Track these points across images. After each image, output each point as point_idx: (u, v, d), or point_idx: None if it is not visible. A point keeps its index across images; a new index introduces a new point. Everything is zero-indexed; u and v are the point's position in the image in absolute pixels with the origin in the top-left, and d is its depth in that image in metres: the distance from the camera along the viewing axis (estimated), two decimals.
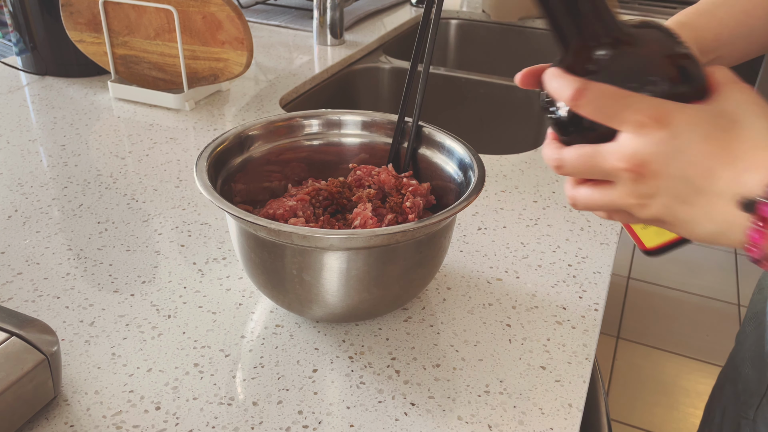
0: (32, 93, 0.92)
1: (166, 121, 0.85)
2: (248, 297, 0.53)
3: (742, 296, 1.93)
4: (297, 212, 0.50)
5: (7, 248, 0.58)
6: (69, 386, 0.44)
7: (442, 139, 0.53)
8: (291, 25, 1.27)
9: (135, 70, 0.90)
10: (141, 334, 0.49)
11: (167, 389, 0.44)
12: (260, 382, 0.45)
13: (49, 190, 0.67)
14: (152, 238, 0.60)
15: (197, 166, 0.47)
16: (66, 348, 0.47)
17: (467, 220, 0.64)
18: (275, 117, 0.55)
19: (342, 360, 0.47)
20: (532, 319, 0.51)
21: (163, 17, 0.85)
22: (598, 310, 0.53)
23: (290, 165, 0.56)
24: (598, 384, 0.62)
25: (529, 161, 0.77)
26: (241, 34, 0.83)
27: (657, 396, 1.57)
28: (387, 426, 0.42)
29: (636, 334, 1.76)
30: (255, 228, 0.43)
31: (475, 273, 0.57)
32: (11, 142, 0.78)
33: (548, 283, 0.56)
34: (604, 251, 0.60)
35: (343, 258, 0.43)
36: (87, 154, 0.75)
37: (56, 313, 0.50)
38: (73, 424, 0.41)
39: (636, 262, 2.04)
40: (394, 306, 0.49)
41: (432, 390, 0.45)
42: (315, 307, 0.46)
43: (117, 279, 0.54)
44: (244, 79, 0.99)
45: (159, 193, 0.68)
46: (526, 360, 0.47)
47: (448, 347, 0.48)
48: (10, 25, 0.96)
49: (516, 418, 0.43)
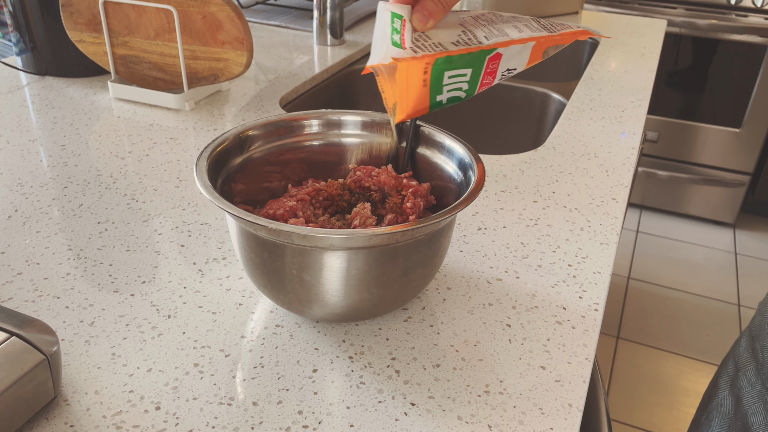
0: (32, 93, 0.92)
1: (166, 121, 0.85)
2: (248, 297, 0.53)
3: (742, 296, 1.93)
4: (297, 212, 0.50)
5: (7, 248, 0.58)
6: (69, 386, 0.44)
7: (441, 139, 0.53)
8: (291, 25, 1.27)
9: (135, 70, 0.90)
10: (141, 334, 0.49)
11: (167, 389, 0.44)
12: (260, 382, 0.45)
13: (49, 190, 0.67)
14: (152, 238, 0.60)
15: (197, 166, 0.47)
16: (66, 348, 0.47)
17: (467, 220, 0.64)
18: (275, 117, 0.55)
19: (342, 360, 0.47)
20: (532, 319, 0.51)
21: (163, 17, 0.85)
22: (598, 310, 0.53)
23: (290, 165, 0.56)
24: (598, 384, 0.62)
25: (529, 161, 0.77)
26: (241, 34, 0.83)
27: (657, 396, 1.57)
28: (387, 426, 0.42)
29: (636, 334, 1.76)
30: (255, 228, 0.43)
31: (475, 273, 0.57)
32: (11, 142, 0.78)
33: (548, 283, 0.56)
34: (604, 251, 0.60)
35: (343, 258, 0.43)
36: (87, 154, 0.75)
37: (56, 313, 0.50)
38: (73, 424, 0.41)
39: (636, 262, 2.04)
40: (394, 306, 0.49)
41: (432, 390, 0.45)
42: (315, 307, 0.46)
43: (117, 279, 0.54)
44: (244, 79, 0.99)
45: (159, 193, 0.68)
46: (526, 360, 0.47)
47: (448, 347, 0.48)
48: (10, 25, 0.96)
49: (516, 418, 0.43)
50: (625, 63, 1.17)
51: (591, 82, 1.06)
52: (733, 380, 0.60)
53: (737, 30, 1.98)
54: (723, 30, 2.00)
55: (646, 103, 0.98)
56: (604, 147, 0.82)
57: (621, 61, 1.18)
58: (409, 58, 0.42)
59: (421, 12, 0.43)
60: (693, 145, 2.18)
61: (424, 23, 0.43)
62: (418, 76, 0.43)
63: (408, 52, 0.42)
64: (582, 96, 1.00)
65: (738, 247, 2.17)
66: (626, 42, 1.30)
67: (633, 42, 1.30)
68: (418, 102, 0.45)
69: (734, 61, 2.03)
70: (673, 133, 2.18)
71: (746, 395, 0.57)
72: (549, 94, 1.10)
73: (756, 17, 1.97)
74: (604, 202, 0.69)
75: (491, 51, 0.43)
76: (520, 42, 0.44)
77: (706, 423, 0.63)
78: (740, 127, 2.10)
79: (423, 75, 0.43)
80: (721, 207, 2.24)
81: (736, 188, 2.18)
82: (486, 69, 0.44)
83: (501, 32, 0.44)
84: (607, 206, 0.68)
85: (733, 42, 2.00)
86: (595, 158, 0.79)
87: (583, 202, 0.69)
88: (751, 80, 2.03)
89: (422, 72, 0.43)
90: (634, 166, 0.78)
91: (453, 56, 0.42)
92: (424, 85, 0.43)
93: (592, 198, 0.70)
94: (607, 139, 0.84)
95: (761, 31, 1.96)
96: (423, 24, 0.43)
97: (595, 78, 1.08)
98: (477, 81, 0.45)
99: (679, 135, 2.18)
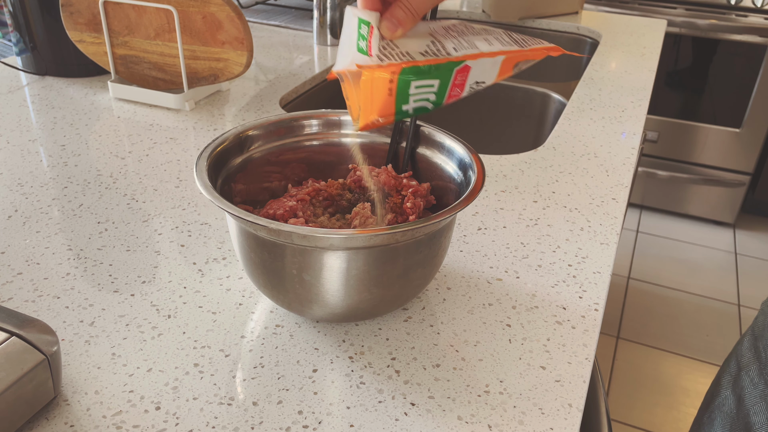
0: (32, 93, 0.92)
1: (166, 121, 0.85)
2: (248, 297, 0.53)
3: (742, 296, 1.93)
4: (297, 212, 0.50)
5: (7, 248, 0.58)
6: (69, 386, 0.44)
7: (441, 139, 0.53)
8: (291, 25, 1.27)
9: (135, 70, 0.90)
10: (141, 334, 0.49)
11: (167, 389, 0.44)
12: (260, 382, 0.45)
13: (49, 190, 0.67)
14: (152, 238, 0.60)
15: (197, 166, 0.47)
16: (66, 348, 0.47)
17: (467, 220, 0.64)
18: (275, 117, 0.55)
19: (342, 360, 0.47)
20: (532, 319, 0.51)
21: (163, 17, 0.85)
22: (598, 310, 0.53)
23: (290, 165, 0.56)
24: (598, 384, 0.62)
25: (529, 161, 0.77)
26: (241, 34, 0.83)
27: (657, 396, 1.57)
28: (387, 426, 0.42)
29: (636, 334, 1.76)
30: (255, 228, 0.43)
31: (475, 273, 0.57)
32: (11, 142, 0.78)
33: (548, 283, 0.56)
34: (604, 251, 0.60)
35: (343, 258, 0.43)
36: (87, 154, 0.75)
37: (56, 313, 0.50)
38: (73, 424, 0.41)
39: (636, 262, 2.04)
40: (394, 306, 0.49)
41: (432, 390, 0.45)
42: (315, 307, 0.46)
43: (117, 279, 0.54)
44: (244, 79, 0.99)
45: (159, 193, 0.68)
46: (526, 360, 0.47)
47: (448, 347, 0.48)
48: (10, 25, 0.96)
49: (516, 418, 0.43)
50: (625, 63, 1.17)
51: (591, 82, 1.06)
52: (736, 380, 0.60)
53: (737, 30, 1.98)
54: (723, 30, 2.00)
55: (646, 103, 0.98)
56: (604, 147, 0.82)
57: (621, 61, 1.18)
58: (375, 66, 0.41)
59: (390, 20, 0.42)
60: (693, 145, 2.18)
61: (392, 31, 0.42)
62: (384, 85, 0.42)
63: (374, 59, 0.42)
64: (582, 96, 1.00)
65: (738, 247, 2.17)
66: (626, 42, 1.30)
67: (633, 42, 1.30)
68: (382, 110, 0.44)
69: (734, 61, 2.03)
70: (673, 133, 2.18)
71: (748, 395, 0.57)
72: (549, 94, 1.10)
73: (756, 17, 1.97)
74: (604, 202, 0.69)
75: (459, 63, 0.43)
76: (489, 55, 0.44)
77: (708, 423, 0.63)
78: (740, 127, 2.10)
79: (389, 84, 0.42)
80: (721, 207, 2.24)
81: (736, 188, 2.18)
82: (454, 81, 0.44)
83: (471, 44, 0.44)
84: (607, 206, 0.68)
85: (733, 42, 2.00)
86: (595, 158, 0.79)
87: (583, 202, 0.69)
88: (751, 80, 2.03)
89: (387, 81, 0.42)
90: (634, 166, 0.78)
91: (420, 66, 0.42)
92: (389, 94, 0.43)
93: (592, 198, 0.70)
94: (607, 139, 0.84)
95: (761, 31, 1.96)
96: (392, 32, 0.42)
97: (595, 78, 1.08)
98: (444, 92, 0.44)
99: (679, 135, 2.18)
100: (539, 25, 1.41)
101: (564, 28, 1.41)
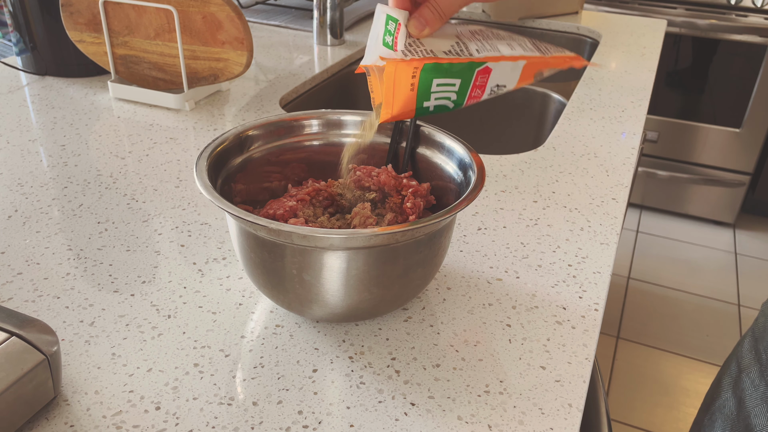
0: (32, 93, 0.92)
1: (166, 121, 0.85)
2: (248, 297, 0.53)
3: (742, 296, 1.93)
4: (297, 212, 0.50)
5: (7, 248, 0.58)
6: (69, 386, 0.44)
7: (441, 139, 0.53)
8: (291, 25, 1.27)
9: (135, 70, 0.90)
10: (141, 334, 0.49)
11: (167, 389, 0.44)
12: (260, 382, 0.45)
13: (49, 190, 0.67)
14: (152, 238, 0.60)
15: (197, 166, 0.47)
16: (66, 348, 0.47)
17: (467, 220, 0.64)
18: (275, 117, 0.55)
19: (342, 360, 0.47)
20: (532, 319, 0.51)
21: (163, 17, 0.85)
22: (598, 310, 0.53)
23: (290, 165, 0.56)
24: (598, 384, 0.62)
25: (529, 161, 0.77)
26: (241, 34, 0.83)
27: (657, 396, 1.57)
28: (387, 426, 0.42)
29: (636, 334, 1.76)
30: (255, 228, 0.43)
31: (475, 273, 0.57)
32: (11, 142, 0.78)
33: (548, 283, 0.56)
34: (604, 251, 0.60)
35: (343, 258, 0.43)
36: (87, 154, 0.75)
37: (56, 313, 0.50)
38: (73, 424, 0.41)
39: (636, 262, 2.04)
40: (394, 306, 0.49)
41: (432, 390, 0.45)
42: (315, 307, 0.46)
43: (117, 279, 0.54)
44: (244, 79, 0.99)
45: (159, 193, 0.68)
46: (526, 360, 0.47)
47: (448, 347, 0.48)
48: (10, 25, 0.96)
49: (516, 418, 0.43)
50: (625, 63, 1.17)
51: (591, 82, 1.06)
52: (736, 382, 0.60)
53: (737, 30, 1.98)
54: (723, 30, 2.00)
55: (646, 103, 0.98)
56: (604, 147, 0.82)
57: (621, 61, 1.18)
58: (398, 60, 0.43)
59: (418, 19, 0.44)
60: (693, 145, 2.18)
61: (420, 30, 0.44)
62: (406, 80, 0.44)
63: (398, 54, 0.43)
64: (582, 96, 1.00)
65: (738, 247, 2.17)
66: (626, 42, 1.30)
67: (633, 42, 1.30)
68: (404, 105, 0.45)
69: (734, 61, 2.03)
70: (673, 133, 2.18)
71: (749, 397, 0.57)
72: (549, 94, 1.10)
73: (756, 17, 1.97)
74: (604, 202, 0.69)
75: (481, 64, 0.44)
76: (510, 59, 0.45)
77: (708, 424, 0.63)
78: (740, 127, 2.10)
79: (411, 79, 0.44)
80: (721, 207, 2.24)
81: (736, 188, 2.18)
82: (475, 81, 0.45)
83: (493, 47, 0.45)
84: (607, 206, 0.68)
85: (733, 42, 2.00)
86: (595, 158, 0.79)
87: (583, 202, 0.69)
88: (751, 80, 2.03)
89: (410, 76, 0.43)
90: (634, 166, 0.78)
91: (442, 64, 0.43)
92: (411, 89, 0.44)
93: (592, 198, 0.70)
94: (607, 139, 0.84)
95: (761, 31, 1.96)
96: (419, 31, 0.44)
97: (595, 78, 1.08)
98: (465, 93, 0.45)
99: (679, 135, 2.18)
100: (539, 25, 1.41)
101: (564, 28, 1.41)
